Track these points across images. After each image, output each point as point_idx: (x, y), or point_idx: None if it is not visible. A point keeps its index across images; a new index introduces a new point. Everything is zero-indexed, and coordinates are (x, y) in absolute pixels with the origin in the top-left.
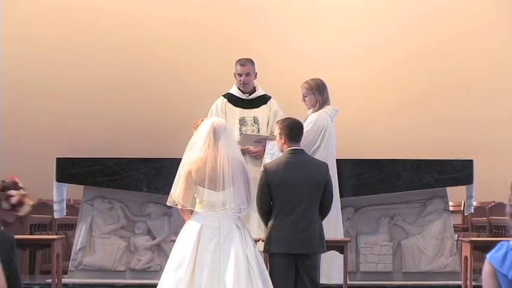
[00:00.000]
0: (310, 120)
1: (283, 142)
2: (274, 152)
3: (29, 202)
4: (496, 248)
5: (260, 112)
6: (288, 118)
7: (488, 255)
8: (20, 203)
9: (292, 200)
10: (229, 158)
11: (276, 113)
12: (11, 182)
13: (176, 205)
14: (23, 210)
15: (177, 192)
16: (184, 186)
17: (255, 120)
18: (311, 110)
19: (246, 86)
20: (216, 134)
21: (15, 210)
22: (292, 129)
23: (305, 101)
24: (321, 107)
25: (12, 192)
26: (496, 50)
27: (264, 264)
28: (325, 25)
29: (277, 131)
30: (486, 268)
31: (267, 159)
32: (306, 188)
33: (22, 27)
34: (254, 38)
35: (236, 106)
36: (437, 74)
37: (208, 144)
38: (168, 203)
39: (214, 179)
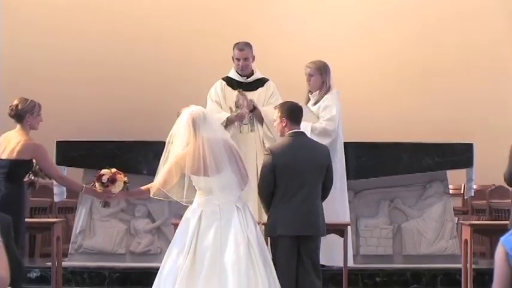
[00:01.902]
0: (328, 104)
1: (284, 125)
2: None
3: (122, 179)
4: (511, 231)
5: (257, 95)
6: (288, 101)
7: (502, 238)
8: (112, 180)
9: (297, 182)
10: (213, 143)
11: (272, 95)
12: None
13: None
14: (116, 187)
15: (157, 180)
16: (166, 177)
17: (251, 102)
18: (317, 92)
19: (244, 70)
20: (195, 123)
21: (109, 186)
22: (293, 112)
23: (309, 81)
24: (328, 89)
25: (103, 171)
26: (496, 33)
27: (265, 245)
28: (324, 8)
29: (276, 115)
30: (499, 251)
31: None
32: (310, 170)
33: (22, 10)
34: (254, 21)
35: (234, 89)
36: (438, 56)
37: (191, 135)
38: (152, 195)
39: (206, 167)
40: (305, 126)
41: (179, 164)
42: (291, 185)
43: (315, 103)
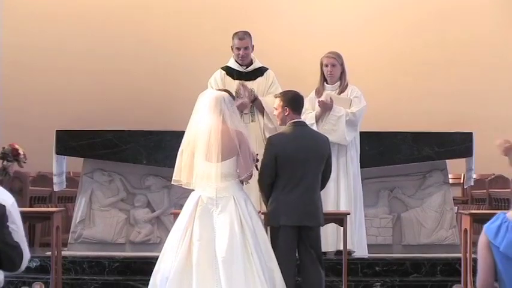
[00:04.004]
0: (357, 95)
1: (286, 114)
2: (341, 116)
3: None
4: (493, 219)
5: (256, 84)
6: (290, 91)
7: (484, 226)
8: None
9: (299, 172)
10: (227, 129)
11: (271, 84)
12: (11, 149)
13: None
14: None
15: (177, 168)
16: (180, 159)
17: (251, 92)
18: (338, 83)
19: (244, 59)
20: (220, 106)
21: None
22: (296, 101)
23: (332, 72)
24: (347, 79)
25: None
26: (496, 24)
27: (264, 236)
28: None
29: (278, 103)
30: (481, 239)
31: (332, 121)
32: (311, 160)
33: (22, 1)
34: (253, 10)
35: (234, 79)
36: (438, 47)
37: (212, 116)
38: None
39: (211, 151)
40: (339, 111)
41: (188, 145)
42: (293, 175)
43: (340, 93)
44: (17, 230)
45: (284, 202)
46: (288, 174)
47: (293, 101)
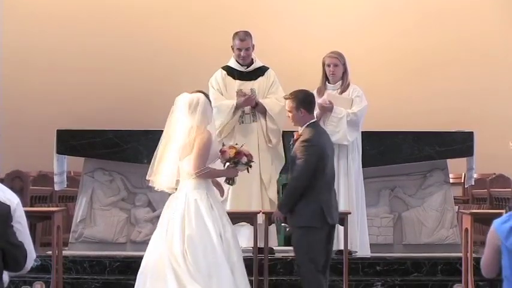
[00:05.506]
0: (359, 94)
1: (301, 115)
2: (343, 117)
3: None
4: (505, 218)
5: (257, 84)
6: (300, 91)
7: (495, 223)
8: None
9: (333, 171)
10: (199, 129)
11: (272, 84)
12: None
13: None
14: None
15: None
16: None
17: (252, 92)
18: (339, 82)
19: (245, 60)
20: (190, 107)
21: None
22: (309, 101)
23: (333, 71)
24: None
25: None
26: (496, 24)
27: (208, 232)
28: None
29: (290, 105)
30: (490, 236)
31: (333, 122)
32: (333, 159)
33: (22, 0)
34: (253, 9)
35: (235, 79)
36: (439, 46)
37: (182, 118)
38: None
39: (181, 150)
40: (340, 112)
41: None
42: (330, 173)
43: (342, 92)
44: (22, 229)
45: (326, 202)
46: (328, 173)
47: (306, 102)
